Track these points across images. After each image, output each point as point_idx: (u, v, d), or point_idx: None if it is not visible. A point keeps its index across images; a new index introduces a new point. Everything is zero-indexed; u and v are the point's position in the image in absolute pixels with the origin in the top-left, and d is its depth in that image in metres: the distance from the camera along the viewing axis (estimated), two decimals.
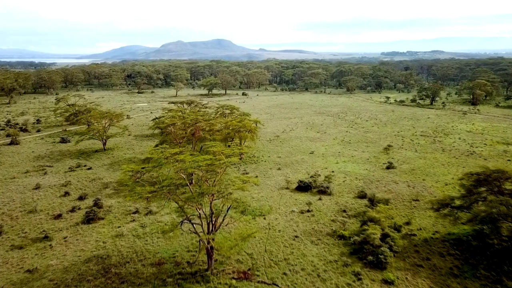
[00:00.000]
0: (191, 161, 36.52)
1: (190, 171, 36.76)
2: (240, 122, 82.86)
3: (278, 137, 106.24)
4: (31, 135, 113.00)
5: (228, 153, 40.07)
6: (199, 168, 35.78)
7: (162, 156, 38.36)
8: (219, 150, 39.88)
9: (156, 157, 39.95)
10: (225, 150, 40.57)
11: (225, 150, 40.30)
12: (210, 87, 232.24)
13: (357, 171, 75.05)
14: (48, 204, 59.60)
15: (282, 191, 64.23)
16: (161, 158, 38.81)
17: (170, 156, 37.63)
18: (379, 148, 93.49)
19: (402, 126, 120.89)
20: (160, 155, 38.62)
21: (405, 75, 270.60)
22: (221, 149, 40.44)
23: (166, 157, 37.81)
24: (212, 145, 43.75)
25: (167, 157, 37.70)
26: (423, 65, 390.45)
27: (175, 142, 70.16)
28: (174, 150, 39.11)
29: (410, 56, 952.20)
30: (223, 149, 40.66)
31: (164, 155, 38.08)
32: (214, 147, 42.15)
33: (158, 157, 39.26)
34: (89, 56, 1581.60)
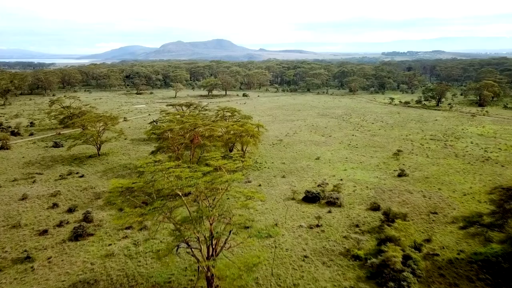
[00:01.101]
0: (189, 177, 31.74)
1: (186, 190, 31.93)
2: (242, 126, 78.06)
3: (282, 141, 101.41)
4: (23, 139, 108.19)
5: (231, 167, 35.30)
6: (197, 186, 31.02)
7: (155, 169, 33.58)
8: (220, 164, 35.05)
9: (148, 170, 35.13)
10: (228, 163, 35.75)
11: (227, 164, 35.48)
12: (210, 88, 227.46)
13: (367, 179, 70.23)
14: (34, 217, 54.78)
15: (288, 202, 59.42)
16: (155, 171, 33.98)
17: (165, 170, 32.87)
18: (388, 153, 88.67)
19: (410, 129, 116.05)
20: (153, 169, 33.83)
21: (408, 76, 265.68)
22: (222, 162, 35.60)
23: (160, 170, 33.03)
24: (212, 156, 38.87)
25: (162, 171, 32.93)
26: (426, 65, 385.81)
27: (172, 149, 65.41)
28: (169, 164, 34.31)
29: (411, 56, 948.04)
30: (225, 162, 35.83)
31: (157, 168, 33.32)
32: (214, 159, 37.31)
33: (151, 170, 34.44)
34: (88, 57, 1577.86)
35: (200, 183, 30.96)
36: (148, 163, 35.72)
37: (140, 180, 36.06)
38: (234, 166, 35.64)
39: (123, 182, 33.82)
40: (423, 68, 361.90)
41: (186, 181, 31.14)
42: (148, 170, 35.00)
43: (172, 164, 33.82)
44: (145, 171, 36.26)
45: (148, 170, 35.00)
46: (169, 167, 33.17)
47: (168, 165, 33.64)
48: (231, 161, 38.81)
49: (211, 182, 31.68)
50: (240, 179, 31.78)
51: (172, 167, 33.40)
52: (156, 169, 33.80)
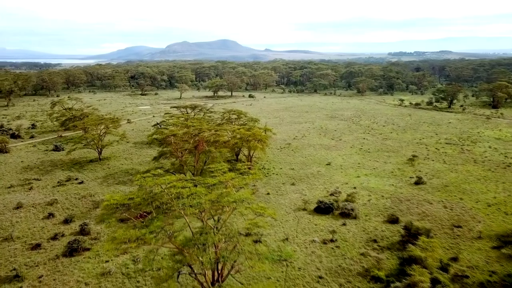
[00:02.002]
0: (191, 194, 27.95)
1: (188, 211, 28.12)
2: (249, 130, 74.17)
3: (290, 145, 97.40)
4: (24, 141, 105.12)
5: (239, 183, 31.48)
6: (200, 207, 27.23)
7: (154, 184, 29.85)
8: (227, 178, 31.22)
9: (146, 185, 31.38)
10: (235, 178, 31.92)
11: (235, 179, 31.64)
12: (216, 89, 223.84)
13: (382, 187, 66.06)
14: (27, 229, 51.26)
15: (299, 213, 55.44)
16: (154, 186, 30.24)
17: (165, 186, 29.12)
18: (402, 158, 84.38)
19: (423, 133, 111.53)
20: (152, 183, 30.09)
21: (418, 76, 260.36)
22: (229, 176, 31.75)
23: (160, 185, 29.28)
24: (218, 168, 35.00)
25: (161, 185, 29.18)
26: (434, 65, 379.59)
27: (175, 155, 61.69)
28: (170, 178, 30.54)
29: (418, 56, 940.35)
30: (232, 175, 32.00)
31: (157, 183, 29.58)
32: (220, 171, 33.45)
33: (150, 185, 30.69)
34: (94, 57, 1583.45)
35: (204, 203, 27.17)
36: (146, 177, 31.94)
37: (137, 194, 32.28)
38: (242, 182, 31.80)
39: (118, 198, 30.12)
40: (432, 69, 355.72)
41: (188, 200, 27.39)
42: (146, 184, 31.26)
43: (172, 179, 30.04)
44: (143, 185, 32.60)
45: (146, 184, 31.26)
46: (170, 182, 29.38)
47: (168, 179, 29.87)
48: (238, 174, 34.97)
49: (216, 201, 27.93)
50: (250, 199, 27.95)
51: (173, 181, 29.60)
52: (155, 184, 30.03)
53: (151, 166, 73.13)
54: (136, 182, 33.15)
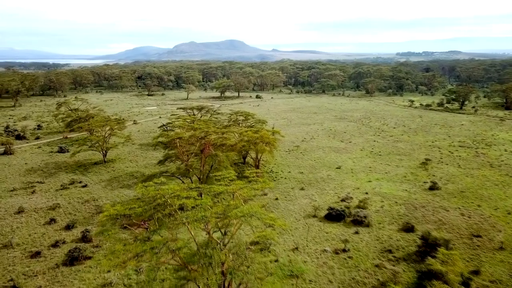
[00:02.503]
0: (195, 206, 25.89)
1: (192, 226, 26.04)
2: (257, 132, 71.99)
3: (298, 147, 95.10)
4: (29, 142, 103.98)
5: (248, 194, 29.36)
6: (205, 220, 25.15)
7: (156, 195, 27.83)
8: (235, 189, 29.10)
9: (147, 195, 29.37)
10: (243, 187, 29.79)
11: (243, 190, 29.51)
12: (223, 90, 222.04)
13: (395, 193, 63.51)
14: (28, 235, 49.59)
15: (309, 221, 53.15)
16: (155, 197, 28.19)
17: (168, 196, 27.08)
18: (414, 162, 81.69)
19: (435, 135, 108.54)
20: (154, 193, 28.07)
21: (428, 77, 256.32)
22: (237, 186, 29.62)
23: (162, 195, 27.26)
24: (225, 176, 32.88)
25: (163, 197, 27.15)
26: (444, 66, 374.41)
27: (181, 158, 59.72)
28: (174, 188, 28.52)
29: (427, 56, 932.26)
30: (240, 185, 29.86)
31: (159, 193, 27.56)
32: (227, 179, 31.34)
33: (152, 195, 28.67)
34: (102, 57, 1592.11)
35: (210, 216, 25.11)
36: (148, 186, 29.94)
37: (138, 203, 30.27)
38: (251, 193, 29.65)
39: (118, 208, 28.13)
40: (441, 69, 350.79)
41: (192, 213, 25.32)
42: (147, 195, 29.25)
43: (176, 188, 28.01)
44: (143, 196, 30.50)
45: (147, 195, 29.25)
46: (173, 191, 27.34)
47: (171, 188, 27.81)
48: (247, 181, 32.81)
49: (223, 214, 25.84)
50: (260, 213, 25.79)
51: (176, 191, 27.56)
52: (157, 194, 28.00)
53: (156, 170, 71.37)
54: (137, 190, 31.14)
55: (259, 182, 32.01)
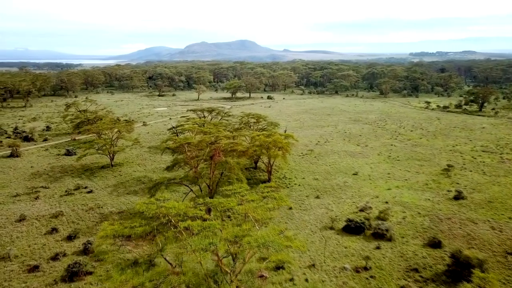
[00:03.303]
0: (203, 228, 22.56)
1: (198, 257, 22.65)
2: (269, 136, 68.44)
3: (312, 151, 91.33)
4: (37, 144, 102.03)
5: (262, 216, 25.90)
6: (213, 248, 21.82)
7: (157, 213, 24.58)
8: (247, 209, 25.70)
9: (148, 213, 26.14)
10: (257, 208, 26.36)
11: (257, 211, 26.06)
12: (234, 90, 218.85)
13: (418, 202, 59.42)
14: (27, 246, 46.86)
15: (325, 233, 49.48)
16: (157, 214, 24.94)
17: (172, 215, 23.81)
18: (436, 168, 77.34)
19: (455, 139, 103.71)
20: (155, 211, 24.83)
21: (444, 77, 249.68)
22: (250, 207, 26.19)
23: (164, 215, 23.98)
24: (236, 190, 29.52)
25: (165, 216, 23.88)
26: (460, 66, 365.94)
27: (190, 164, 56.52)
28: (178, 207, 25.22)
29: (441, 56, 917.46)
30: (255, 204, 26.42)
31: (160, 212, 24.30)
32: (239, 194, 27.94)
33: (152, 213, 25.44)
34: (115, 57, 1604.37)
35: (219, 242, 21.78)
36: (149, 204, 26.70)
37: (140, 221, 27.08)
38: (267, 215, 26.17)
39: (117, 228, 24.98)
40: (457, 70, 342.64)
41: (199, 240, 21.97)
42: (148, 213, 26.04)
43: (181, 207, 24.71)
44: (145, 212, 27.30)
45: (148, 213, 26.04)
46: (177, 211, 24.04)
47: (175, 208, 24.49)
48: (260, 197, 29.32)
49: (234, 242, 22.47)
50: (279, 244, 22.33)
51: (181, 210, 24.25)
52: (158, 213, 24.76)
53: (164, 175, 68.38)
54: (138, 207, 27.93)
55: (274, 198, 28.47)
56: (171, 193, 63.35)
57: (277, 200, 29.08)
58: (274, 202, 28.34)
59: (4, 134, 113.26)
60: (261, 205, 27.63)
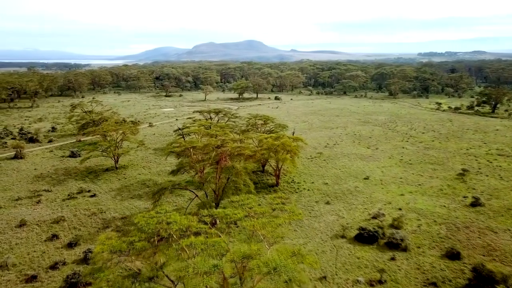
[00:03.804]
0: (207, 247, 20.48)
1: (201, 281, 20.53)
2: (277, 139, 66.20)
3: (321, 154, 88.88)
4: (41, 146, 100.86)
5: (273, 234, 23.69)
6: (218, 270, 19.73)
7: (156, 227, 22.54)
8: (256, 226, 23.56)
9: (147, 228, 24.07)
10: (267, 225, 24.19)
11: (267, 228, 23.89)
12: (241, 91, 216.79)
13: (433, 209, 56.80)
14: (26, 253, 45.16)
15: (336, 242, 47.13)
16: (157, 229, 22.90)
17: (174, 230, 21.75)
18: (450, 172, 74.52)
19: (469, 141, 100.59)
20: (154, 226, 22.78)
21: (454, 78, 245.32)
22: (258, 224, 24.01)
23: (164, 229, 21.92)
24: (243, 201, 27.39)
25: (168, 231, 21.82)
26: (470, 66, 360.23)
27: (195, 168, 54.51)
28: (180, 222, 23.16)
29: (450, 56, 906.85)
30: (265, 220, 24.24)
31: (161, 227, 22.26)
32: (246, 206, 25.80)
33: (151, 228, 23.39)
34: (123, 57, 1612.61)
35: (225, 266, 19.70)
36: (149, 217, 24.66)
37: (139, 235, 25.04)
38: (277, 233, 23.98)
39: (114, 243, 22.97)
40: (468, 70, 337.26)
41: (202, 261, 19.87)
42: (147, 227, 23.99)
43: (183, 223, 22.61)
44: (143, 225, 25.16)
45: (147, 227, 23.99)
46: (180, 225, 21.97)
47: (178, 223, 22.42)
48: (270, 209, 27.15)
49: (241, 263, 20.36)
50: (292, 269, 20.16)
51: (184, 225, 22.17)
52: (159, 228, 22.71)
53: (169, 178, 66.45)
54: (137, 220, 25.88)
55: (285, 210, 26.28)
56: (176, 197, 61.58)
57: (289, 213, 26.99)
58: (285, 215, 26.17)
59: (10, 135, 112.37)
60: (271, 220, 25.41)
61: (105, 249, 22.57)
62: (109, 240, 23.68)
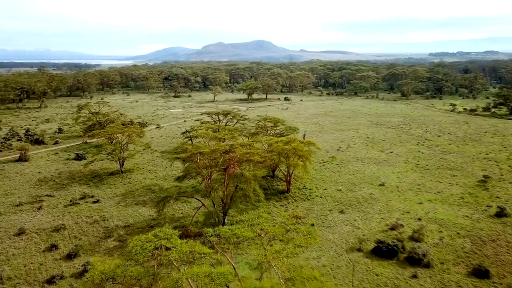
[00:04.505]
0: (209, 280, 17.56)
1: None
2: (288, 144, 63.08)
3: (334, 158, 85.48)
4: (47, 147, 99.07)
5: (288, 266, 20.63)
6: None
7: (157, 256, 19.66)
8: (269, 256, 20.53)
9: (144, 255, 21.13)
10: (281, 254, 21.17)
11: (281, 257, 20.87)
12: (250, 91, 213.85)
13: (455, 220, 53.19)
14: (23, 265, 42.68)
15: (353, 256, 43.85)
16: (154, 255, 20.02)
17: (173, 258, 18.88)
18: (470, 178, 70.66)
19: (488, 145, 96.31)
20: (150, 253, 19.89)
21: (469, 79, 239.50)
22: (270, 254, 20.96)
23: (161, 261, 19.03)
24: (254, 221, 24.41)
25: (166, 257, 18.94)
26: (484, 67, 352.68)
27: (202, 175, 51.67)
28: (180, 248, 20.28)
29: (462, 57, 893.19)
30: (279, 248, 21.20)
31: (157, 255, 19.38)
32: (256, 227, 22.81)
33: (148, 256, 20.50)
34: (133, 58, 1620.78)
35: None
36: (145, 241, 21.76)
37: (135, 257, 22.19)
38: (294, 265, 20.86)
39: (107, 271, 20.13)
40: (482, 70, 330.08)
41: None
42: (141, 256, 21.04)
43: (184, 250, 19.70)
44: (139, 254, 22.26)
45: (141, 256, 21.04)
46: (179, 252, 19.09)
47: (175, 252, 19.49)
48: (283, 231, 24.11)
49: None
50: None
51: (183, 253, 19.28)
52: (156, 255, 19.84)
53: (176, 183, 63.66)
54: (131, 245, 22.99)
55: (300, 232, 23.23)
56: (182, 204, 58.84)
57: (305, 236, 23.98)
58: (300, 238, 23.16)
59: (16, 136, 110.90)
60: (285, 248, 22.35)
61: (95, 278, 19.80)
62: (102, 265, 20.88)
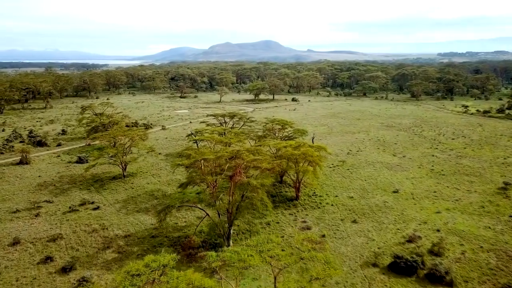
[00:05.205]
0: None
1: None
2: (298, 148, 59.92)
3: (344, 162, 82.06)
4: (49, 150, 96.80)
5: None
6: None
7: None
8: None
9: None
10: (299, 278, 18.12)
11: None
12: (257, 92, 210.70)
13: (476, 231, 49.67)
14: (15, 279, 40.02)
15: (368, 272, 40.59)
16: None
17: None
18: (489, 185, 66.95)
19: (505, 149, 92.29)
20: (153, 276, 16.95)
21: (480, 79, 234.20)
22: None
23: None
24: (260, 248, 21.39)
25: None
26: (495, 67, 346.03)
27: (207, 181, 48.68)
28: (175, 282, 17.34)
29: (471, 57, 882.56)
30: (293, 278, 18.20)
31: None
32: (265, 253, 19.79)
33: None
34: (140, 58, 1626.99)
35: None
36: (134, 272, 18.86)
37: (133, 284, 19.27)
38: None
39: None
40: (493, 70, 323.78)
41: None
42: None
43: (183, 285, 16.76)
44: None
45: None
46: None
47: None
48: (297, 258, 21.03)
49: None
50: None
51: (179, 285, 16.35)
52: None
53: (179, 190, 60.80)
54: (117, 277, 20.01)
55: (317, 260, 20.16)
56: (186, 212, 55.98)
57: (323, 265, 20.92)
58: (318, 268, 20.14)
59: (19, 137, 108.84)
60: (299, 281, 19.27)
61: None
62: None
